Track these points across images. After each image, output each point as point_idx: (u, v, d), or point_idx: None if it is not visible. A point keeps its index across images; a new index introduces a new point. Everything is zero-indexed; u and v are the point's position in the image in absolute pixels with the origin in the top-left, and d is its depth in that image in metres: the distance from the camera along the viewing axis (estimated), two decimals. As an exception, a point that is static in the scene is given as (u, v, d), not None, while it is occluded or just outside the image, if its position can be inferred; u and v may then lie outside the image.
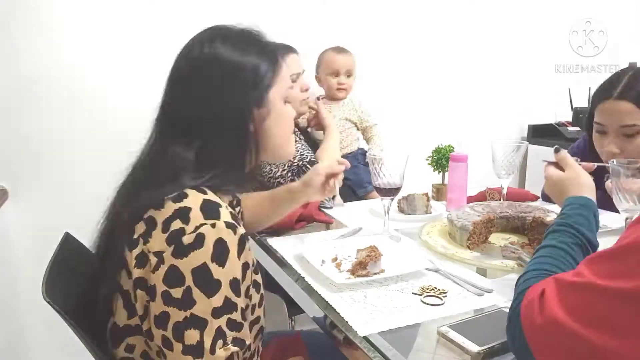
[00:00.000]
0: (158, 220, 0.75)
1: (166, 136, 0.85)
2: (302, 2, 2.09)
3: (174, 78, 0.88)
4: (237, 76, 0.86)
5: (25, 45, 1.71)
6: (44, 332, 1.79)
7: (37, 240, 1.73)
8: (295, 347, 1.14)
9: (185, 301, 0.71)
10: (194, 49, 0.87)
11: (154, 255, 0.73)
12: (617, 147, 1.33)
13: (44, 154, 1.78)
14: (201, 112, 0.84)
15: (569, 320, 0.58)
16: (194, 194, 0.77)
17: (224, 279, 0.72)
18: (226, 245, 0.73)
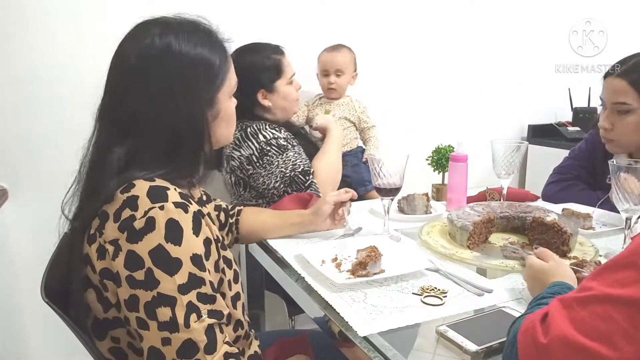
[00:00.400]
0: (109, 212, 0.77)
1: (112, 133, 0.84)
2: (301, 2, 2.09)
3: (122, 69, 0.85)
4: (189, 72, 0.84)
5: (25, 45, 1.71)
6: (44, 332, 1.79)
7: (37, 240, 1.73)
8: (300, 346, 1.14)
9: (149, 282, 0.73)
10: (144, 40, 0.84)
11: (110, 244, 0.75)
12: (609, 123, 1.40)
13: (44, 154, 1.78)
14: (145, 107, 0.82)
15: (581, 337, 0.55)
16: (141, 182, 0.78)
17: (183, 256, 0.74)
18: (178, 224, 0.74)
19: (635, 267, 0.54)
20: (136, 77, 0.83)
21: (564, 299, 0.60)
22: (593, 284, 0.58)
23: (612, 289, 0.55)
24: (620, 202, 1.08)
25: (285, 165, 1.54)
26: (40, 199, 1.79)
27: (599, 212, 1.41)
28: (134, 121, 0.82)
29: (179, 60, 0.83)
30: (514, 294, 0.96)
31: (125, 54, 0.85)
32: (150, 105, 0.82)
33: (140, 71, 0.83)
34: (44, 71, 1.73)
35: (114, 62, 0.87)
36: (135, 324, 0.74)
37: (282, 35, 1.85)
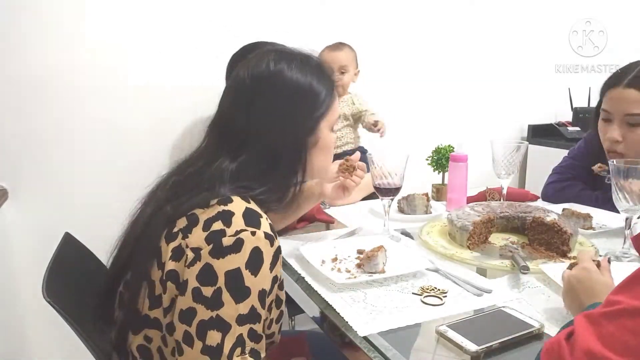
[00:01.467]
0: (201, 218, 0.77)
1: (219, 146, 0.87)
2: (301, 2, 2.09)
3: (235, 88, 0.90)
4: (298, 98, 0.89)
5: (25, 45, 1.71)
6: (44, 332, 1.79)
7: (37, 240, 1.73)
8: (299, 347, 1.14)
9: (214, 301, 0.72)
10: (259, 64, 0.89)
11: (191, 251, 0.75)
12: (619, 135, 1.35)
13: (44, 154, 1.78)
14: (255, 128, 0.86)
15: (611, 355, 0.52)
16: (239, 200, 0.79)
17: (254, 287, 0.74)
18: (262, 255, 0.75)
19: None
20: (248, 96, 0.87)
21: (590, 315, 0.58)
22: (619, 297, 0.55)
23: None
24: (620, 202, 1.08)
25: None
26: (40, 199, 1.79)
27: (599, 212, 1.41)
28: (242, 138, 0.86)
29: (288, 84, 0.88)
30: (514, 294, 0.96)
31: (240, 75, 0.90)
32: (257, 123, 0.86)
33: (253, 91, 0.88)
34: (43, 71, 1.74)
35: (230, 82, 0.92)
36: (181, 337, 0.73)
37: (282, 34, 1.85)
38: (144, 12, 1.84)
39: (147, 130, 1.85)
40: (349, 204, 1.62)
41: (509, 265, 1.07)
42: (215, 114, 0.91)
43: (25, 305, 1.80)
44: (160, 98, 1.86)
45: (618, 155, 1.37)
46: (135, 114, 1.86)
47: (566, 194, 1.60)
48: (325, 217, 1.44)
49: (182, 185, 0.85)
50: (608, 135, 1.37)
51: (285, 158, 0.88)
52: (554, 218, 1.18)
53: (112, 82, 1.83)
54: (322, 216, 1.43)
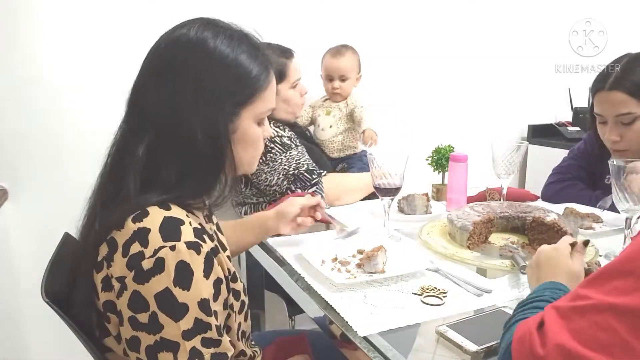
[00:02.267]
0: (119, 242, 0.72)
1: (129, 125, 0.79)
2: (301, 2, 2.09)
3: (150, 55, 0.80)
4: (219, 73, 0.77)
5: (25, 45, 1.71)
6: (44, 332, 1.79)
7: (37, 240, 1.73)
8: (299, 346, 1.14)
9: (153, 326, 0.69)
10: (180, 29, 0.79)
11: (116, 281, 0.71)
12: (616, 135, 1.38)
13: (44, 154, 1.78)
14: (166, 100, 0.76)
15: (581, 348, 0.53)
16: (155, 211, 0.73)
17: (190, 301, 0.69)
18: (189, 268, 0.69)
19: (635, 275, 0.53)
20: (160, 64, 0.78)
21: (559, 308, 0.58)
22: (590, 292, 0.56)
23: (611, 297, 0.53)
24: (620, 202, 1.08)
25: (289, 164, 1.55)
26: (40, 199, 1.79)
27: (599, 212, 1.41)
28: (152, 114, 0.77)
29: (209, 57, 0.77)
30: (513, 294, 0.96)
31: (158, 42, 0.79)
32: (168, 98, 0.76)
33: (167, 59, 0.77)
34: (43, 71, 1.73)
35: (150, 50, 0.81)
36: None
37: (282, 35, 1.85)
38: (144, 11, 1.84)
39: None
40: (348, 204, 1.62)
41: (509, 265, 1.07)
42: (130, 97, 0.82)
43: (24, 305, 1.80)
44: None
45: (622, 152, 1.40)
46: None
47: (566, 194, 1.60)
48: (324, 217, 1.44)
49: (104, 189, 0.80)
50: (607, 137, 1.41)
51: (204, 144, 0.77)
52: (554, 218, 1.18)
53: (112, 82, 1.83)
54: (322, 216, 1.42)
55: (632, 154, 1.38)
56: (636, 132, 1.35)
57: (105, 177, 0.81)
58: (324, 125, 1.93)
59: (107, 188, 0.80)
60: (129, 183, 0.75)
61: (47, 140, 1.78)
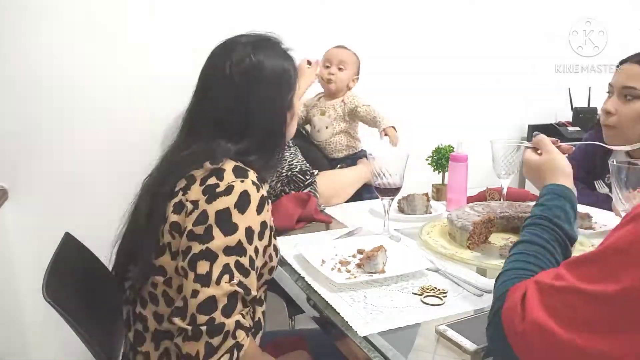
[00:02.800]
0: (197, 177, 0.89)
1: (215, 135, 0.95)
2: (301, 2, 2.09)
3: (227, 87, 0.97)
4: (280, 82, 1.01)
5: (26, 45, 1.71)
6: (44, 332, 1.79)
7: (37, 240, 1.73)
8: (297, 346, 1.14)
9: (205, 236, 0.84)
10: (242, 59, 0.97)
11: (190, 204, 0.87)
12: (613, 107, 1.40)
13: (44, 154, 1.78)
14: (255, 117, 0.97)
15: (553, 324, 0.58)
16: (229, 161, 0.91)
17: (241, 224, 0.85)
18: (249, 198, 0.87)
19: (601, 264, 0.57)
20: (241, 92, 0.97)
21: (540, 283, 0.63)
22: (566, 273, 0.60)
23: (581, 282, 0.57)
24: (619, 203, 1.08)
25: (282, 165, 1.54)
26: (40, 199, 1.79)
27: (599, 212, 1.41)
28: (243, 127, 0.96)
29: (271, 72, 0.99)
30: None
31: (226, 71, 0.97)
32: (255, 113, 0.97)
33: (244, 87, 0.97)
34: (43, 71, 1.73)
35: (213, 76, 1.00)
36: (181, 272, 0.85)
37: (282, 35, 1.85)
38: (144, 11, 1.84)
39: (148, 130, 1.85)
40: (342, 203, 1.62)
41: (509, 265, 1.07)
42: (199, 104, 1.00)
43: (24, 305, 1.80)
44: (161, 98, 1.86)
45: (610, 128, 1.42)
46: (136, 114, 1.86)
47: None
48: (324, 217, 1.44)
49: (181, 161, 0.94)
50: (603, 107, 1.42)
51: (274, 135, 1.01)
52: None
53: (112, 82, 1.83)
54: (320, 216, 1.43)
55: (617, 135, 1.40)
56: (631, 111, 1.37)
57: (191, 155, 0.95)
58: (319, 127, 1.90)
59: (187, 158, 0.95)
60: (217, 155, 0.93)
61: (47, 141, 1.78)
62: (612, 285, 0.54)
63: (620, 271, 0.54)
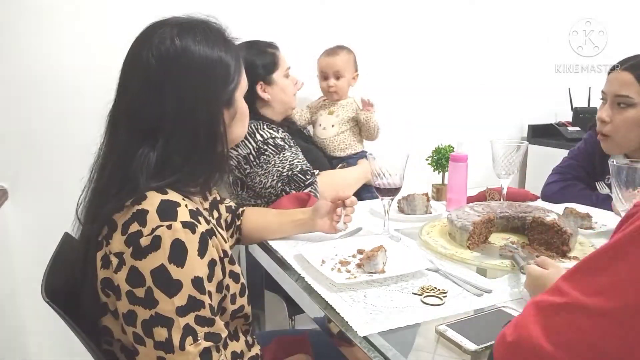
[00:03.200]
0: (118, 223, 0.76)
1: (132, 135, 0.82)
2: (301, 2, 2.09)
3: (141, 72, 0.83)
4: (210, 73, 0.85)
5: (26, 45, 1.71)
6: (44, 332, 1.79)
7: (37, 240, 1.73)
8: (300, 346, 1.14)
9: (148, 300, 0.73)
10: (163, 42, 0.83)
11: (114, 257, 0.75)
12: (607, 116, 1.40)
13: (44, 154, 1.78)
14: (171, 110, 0.81)
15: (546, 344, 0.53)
16: (153, 195, 0.78)
17: (184, 278, 0.73)
18: (184, 246, 0.74)
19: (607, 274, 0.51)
20: (157, 79, 0.82)
21: (538, 303, 0.58)
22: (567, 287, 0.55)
23: (585, 296, 0.52)
24: (620, 202, 1.08)
25: (282, 165, 1.55)
26: (40, 199, 1.79)
27: (599, 212, 1.41)
28: (158, 123, 0.82)
29: (198, 60, 0.83)
30: (513, 294, 0.96)
31: (143, 57, 0.83)
32: (172, 106, 0.82)
33: (161, 74, 0.82)
34: (43, 71, 1.73)
35: (131, 65, 0.86)
36: (132, 338, 0.75)
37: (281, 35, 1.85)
38: (143, 11, 1.84)
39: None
40: None
41: (509, 265, 1.07)
42: (119, 100, 0.87)
43: (24, 305, 1.79)
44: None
45: (606, 138, 1.42)
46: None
47: (566, 194, 1.60)
48: None
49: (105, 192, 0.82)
50: (598, 115, 1.42)
51: (205, 136, 0.85)
52: (554, 218, 1.18)
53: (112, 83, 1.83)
54: None
55: (613, 144, 1.40)
56: (625, 120, 1.37)
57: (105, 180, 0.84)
58: (325, 124, 1.93)
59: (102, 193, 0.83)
60: (138, 180, 0.79)
61: (47, 141, 1.78)
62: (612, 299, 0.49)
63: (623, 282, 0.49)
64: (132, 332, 0.75)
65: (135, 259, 0.73)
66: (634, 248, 0.49)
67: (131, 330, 0.75)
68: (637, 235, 0.49)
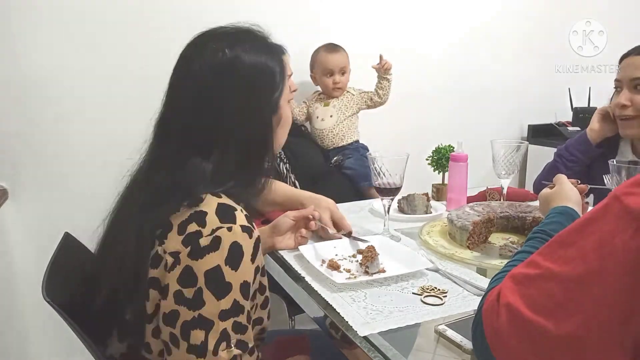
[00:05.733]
0: (174, 223, 0.76)
1: (184, 146, 0.83)
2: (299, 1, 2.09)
3: (194, 84, 0.84)
4: (259, 81, 0.86)
5: (26, 45, 1.71)
6: (44, 332, 1.79)
7: (37, 240, 1.73)
8: (300, 346, 1.14)
9: (195, 301, 0.73)
10: (215, 54, 0.83)
11: (170, 256, 0.75)
12: (627, 99, 1.40)
13: (44, 154, 1.78)
14: (227, 122, 0.83)
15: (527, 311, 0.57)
16: (209, 197, 0.78)
17: (235, 282, 0.74)
18: (241, 249, 0.75)
19: (576, 246, 0.57)
20: (211, 92, 0.83)
21: (514, 276, 0.62)
22: (540, 259, 0.60)
23: (556, 265, 0.57)
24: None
25: None
26: (40, 199, 1.79)
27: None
28: (213, 134, 0.82)
29: (249, 69, 0.84)
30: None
31: (195, 69, 0.84)
32: (227, 117, 0.82)
33: (215, 85, 0.83)
34: (44, 71, 1.74)
35: (182, 77, 0.86)
36: (168, 338, 0.75)
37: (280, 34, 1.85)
38: (143, 11, 1.84)
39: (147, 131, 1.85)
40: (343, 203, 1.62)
41: (509, 265, 1.07)
42: (170, 111, 0.87)
43: (24, 305, 1.80)
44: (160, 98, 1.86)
45: (629, 121, 1.42)
46: (135, 114, 1.86)
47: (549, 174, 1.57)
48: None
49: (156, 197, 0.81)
50: (617, 101, 1.42)
51: (256, 144, 0.86)
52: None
53: (113, 83, 1.83)
54: None
55: (637, 123, 1.40)
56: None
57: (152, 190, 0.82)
58: (323, 116, 1.96)
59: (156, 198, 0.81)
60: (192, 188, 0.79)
61: (47, 141, 1.78)
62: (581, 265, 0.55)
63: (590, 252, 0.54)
64: (169, 332, 0.74)
65: (192, 259, 0.73)
66: (596, 223, 0.56)
67: (169, 331, 0.74)
68: (600, 213, 0.56)
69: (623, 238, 0.52)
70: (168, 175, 0.82)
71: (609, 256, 0.53)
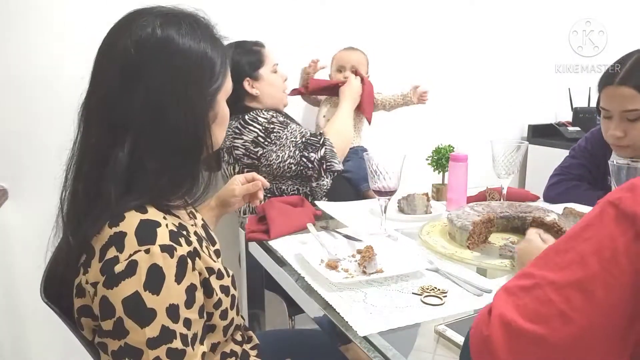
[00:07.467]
0: (96, 248, 0.71)
1: (105, 135, 0.76)
2: (301, 2, 2.09)
3: (118, 63, 0.75)
4: (192, 68, 0.77)
5: (26, 45, 1.71)
6: (44, 332, 1.79)
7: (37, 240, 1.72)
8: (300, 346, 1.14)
9: (118, 332, 0.68)
10: (143, 30, 0.75)
11: (91, 286, 0.71)
12: (621, 131, 1.37)
13: (44, 154, 1.78)
14: (139, 104, 0.74)
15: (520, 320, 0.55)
16: (132, 215, 0.72)
17: (159, 307, 0.68)
18: (161, 271, 0.68)
19: (572, 252, 0.56)
20: (136, 72, 0.74)
21: (507, 288, 0.62)
22: (534, 270, 0.59)
23: (551, 273, 0.57)
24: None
25: (294, 135, 1.62)
26: (40, 199, 1.79)
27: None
28: (134, 122, 0.74)
29: (182, 55, 0.76)
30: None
31: (120, 45, 0.75)
32: (149, 104, 0.74)
33: (139, 64, 0.74)
34: (43, 71, 1.73)
35: (106, 53, 0.78)
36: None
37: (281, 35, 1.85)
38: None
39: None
40: None
41: (509, 265, 1.07)
42: (91, 92, 0.80)
43: (24, 305, 1.79)
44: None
45: (624, 148, 1.40)
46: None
47: (571, 195, 1.58)
48: None
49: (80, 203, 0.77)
50: (610, 133, 1.39)
51: (187, 140, 0.77)
52: (554, 218, 1.18)
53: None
54: None
55: (633, 151, 1.37)
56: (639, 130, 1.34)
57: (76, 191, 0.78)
58: (329, 116, 1.94)
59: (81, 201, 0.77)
60: (109, 191, 0.73)
61: (47, 141, 1.77)
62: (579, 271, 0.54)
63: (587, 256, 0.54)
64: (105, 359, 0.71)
65: (107, 288, 0.68)
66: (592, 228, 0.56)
67: (105, 358, 0.71)
68: (595, 219, 0.56)
69: (624, 241, 0.52)
70: (90, 169, 0.76)
71: (610, 259, 0.53)
